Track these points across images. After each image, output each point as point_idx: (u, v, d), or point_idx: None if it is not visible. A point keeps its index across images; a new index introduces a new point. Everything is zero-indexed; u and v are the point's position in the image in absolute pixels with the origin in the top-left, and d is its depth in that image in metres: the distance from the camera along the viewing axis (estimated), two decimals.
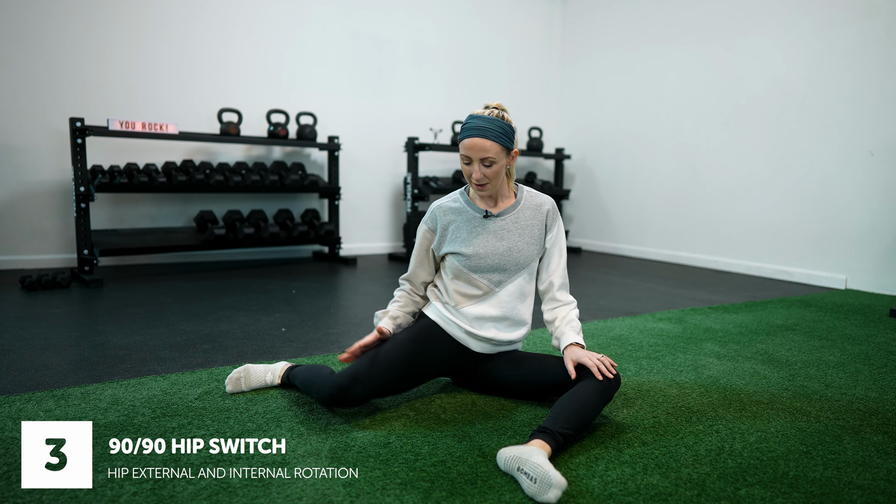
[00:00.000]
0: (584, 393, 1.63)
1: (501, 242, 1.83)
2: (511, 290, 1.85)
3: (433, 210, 1.89)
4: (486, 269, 1.83)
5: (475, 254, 1.82)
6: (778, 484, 1.43)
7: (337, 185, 5.08)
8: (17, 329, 2.71)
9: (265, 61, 5.09)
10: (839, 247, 4.25)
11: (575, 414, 1.57)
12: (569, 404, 1.60)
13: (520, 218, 1.86)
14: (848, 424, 1.79)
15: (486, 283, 1.84)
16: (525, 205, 1.88)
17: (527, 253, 1.85)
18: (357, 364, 1.75)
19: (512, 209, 1.86)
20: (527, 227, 1.86)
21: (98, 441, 1.56)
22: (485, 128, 1.72)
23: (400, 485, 1.38)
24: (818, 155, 4.35)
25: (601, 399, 1.64)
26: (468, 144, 1.73)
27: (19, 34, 4.24)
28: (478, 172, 1.75)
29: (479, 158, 1.74)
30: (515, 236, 1.84)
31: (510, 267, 1.84)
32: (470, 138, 1.73)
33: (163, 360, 2.28)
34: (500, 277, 1.84)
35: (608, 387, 1.67)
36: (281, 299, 3.48)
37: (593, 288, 4.07)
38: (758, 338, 2.78)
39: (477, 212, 1.85)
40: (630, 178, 5.84)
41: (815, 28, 4.35)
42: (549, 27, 6.49)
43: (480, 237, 1.83)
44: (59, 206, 4.45)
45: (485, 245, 1.82)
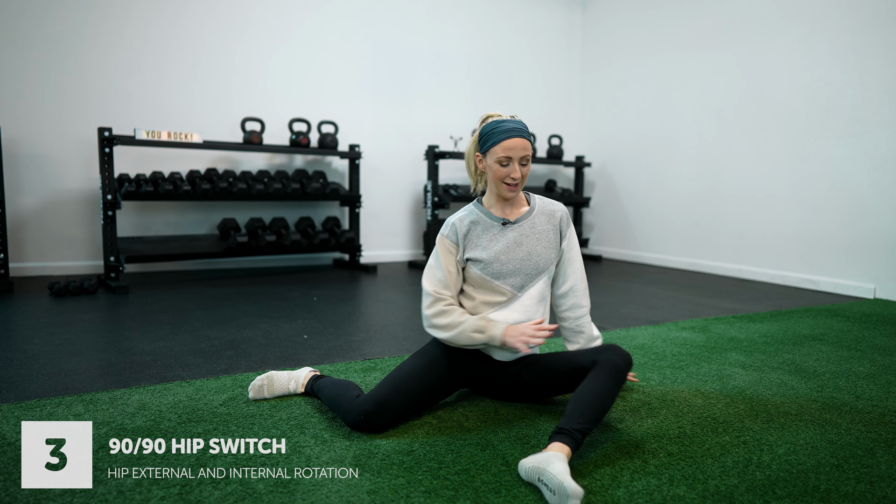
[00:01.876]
0: (595, 382, 1.62)
1: (521, 248, 1.85)
2: (533, 293, 1.86)
3: (452, 223, 1.87)
4: (508, 275, 1.84)
5: (496, 260, 1.83)
6: (809, 497, 1.40)
7: (358, 192, 5.11)
8: (46, 334, 2.76)
9: (287, 71, 5.15)
10: (867, 255, 4.17)
11: (590, 406, 1.56)
12: (583, 397, 1.59)
13: (535, 224, 1.88)
14: (881, 437, 1.75)
15: (508, 288, 1.84)
16: (539, 211, 1.90)
17: (545, 257, 1.88)
18: (382, 388, 1.74)
19: (527, 216, 1.88)
20: (543, 233, 1.89)
21: (129, 444, 1.58)
22: (522, 128, 1.78)
23: (424, 493, 1.38)
24: (845, 161, 4.28)
25: (614, 383, 1.64)
26: (511, 145, 1.75)
27: (49, 47, 4.35)
28: (517, 172, 1.77)
29: (519, 158, 1.77)
30: (533, 241, 1.87)
31: (531, 271, 1.85)
32: (513, 138, 1.76)
33: (188, 366, 2.31)
34: (522, 282, 1.85)
35: (618, 369, 1.66)
36: (302, 306, 3.50)
37: (615, 296, 4.04)
38: (784, 348, 2.74)
39: (494, 220, 1.86)
40: (651, 186, 5.80)
41: (841, 33, 4.29)
42: (569, 34, 6.48)
43: (500, 244, 1.84)
44: (86, 214, 4.54)
45: (505, 252, 1.84)
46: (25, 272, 4.38)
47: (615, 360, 1.68)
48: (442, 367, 1.82)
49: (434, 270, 1.87)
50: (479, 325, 1.78)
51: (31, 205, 4.39)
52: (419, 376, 1.77)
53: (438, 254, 1.87)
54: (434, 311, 1.82)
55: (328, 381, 1.91)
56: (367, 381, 2.15)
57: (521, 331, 1.76)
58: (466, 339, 1.79)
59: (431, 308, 1.83)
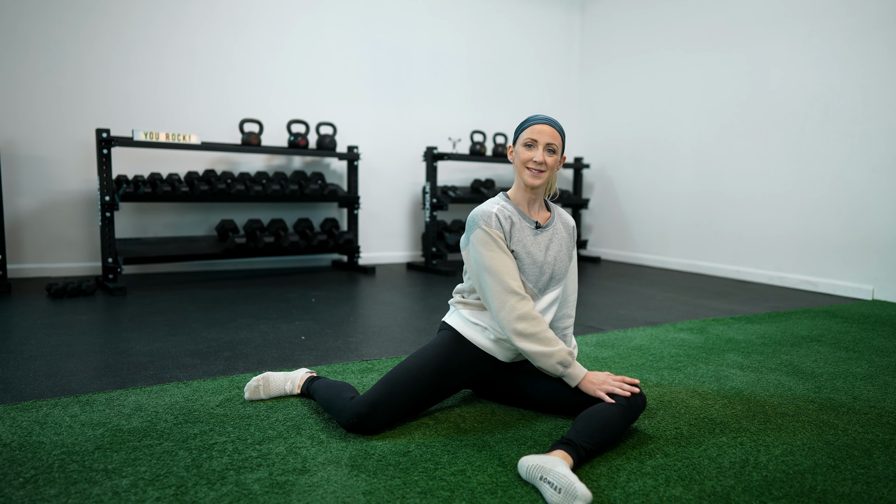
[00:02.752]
0: (609, 411, 1.61)
1: (550, 253, 1.86)
2: (550, 297, 1.87)
3: (492, 214, 1.76)
4: (535, 277, 1.83)
5: (533, 261, 1.82)
6: (805, 498, 1.40)
7: (356, 194, 5.11)
8: (43, 335, 2.76)
9: (286, 72, 5.16)
10: (865, 257, 4.17)
11: (599, 430, 1.55)
12: (593, 419, 1.58)
13: (557, 230, 1.90)
14: (878, 438, 1.75)
15: (531, 286, 1.83)
16: (558, 220, 1.93)
17: (565, 265, 1.90)
18: (376, 390, 1.71)
19: (552, 222, 1.90)
20: (563, 241, 1.91)
21: (122, 446, 1.58)
22: (552, 120, 1.81)
23: (420, 493, 1.38)
24: (843, 163, 4.28)
25: (626, 419, 1.63)
26: (537, 129, 1.78)
27: (47, 47, 4.35)
28: (541, 156, 1.77)
29: (545, 142, 1.78)
30: (557, 247, 1.88)
31: (555, 275, 1.87)
32: (539, 124, 1.79)
33: (185, 367, 2.31)
34: (546, 285, 1.86)
35: (634, 407, 1.66)
36: (300, 308, 3.50)
37: (613, 297, 4.04)
38: (782, 349, 2.73)
39: (529, 222, 1.85)
40: (650, 187, 5.80)
41: (840, 34, 4.29)
42: (567, 35, 6.49)
43: (536, 245, 1.84)
44: (84, 216, 4.54)
45: (539, 254, 1.84)
46: (23, 273, 4.38)
47: (635, 398, 1.67)
48: (439, 369, 1.78)
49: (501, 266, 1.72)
50: (567, 359, 1.71)
51: (29, 206, 4.39)
52: (415, 377, 1.75)
53: (490, 245, 1.73)
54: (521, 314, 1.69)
55: (323, 383, 1.89)
56: (365, 383, 2.15)
57: (602, 380, 1.70)
58: (547, 365, 1.71)
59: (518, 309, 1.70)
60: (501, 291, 1.72)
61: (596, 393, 1.68)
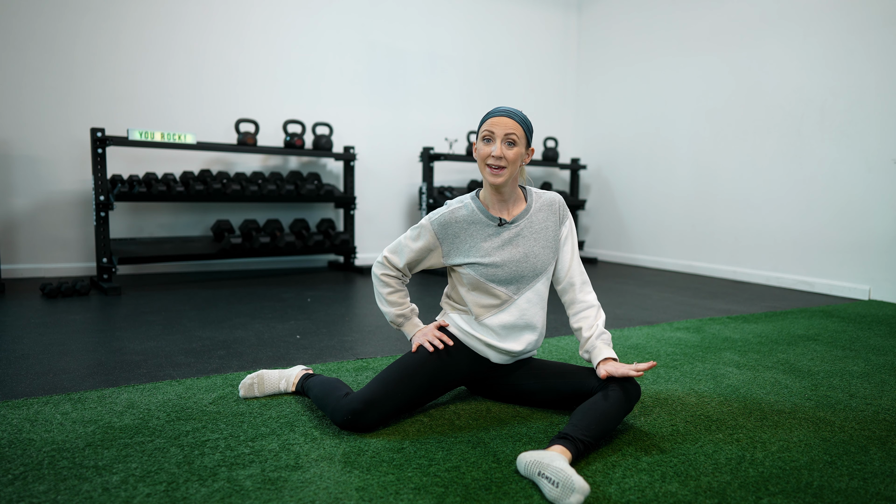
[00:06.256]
0: (605, 402, 1.61)
1: (517, 250, 1.78)
2: (529, 296, 1.81)
3: (443, 217, 1.79)
4: (504, 278, 1.78)
5: (492, 263, 1.77)
6: (802, 494, 1.39)
7: (352, 194, 5.10)
8: (36, 335, 2.74)
9: (282, 72, 5.15)
10: (862, 257, 4.17)
11: (595, 422, 1.54)
12: (589, 412, 1.57)
13: (533, 222, 1.81)
14: (874, 435, 1.74)
15: (504, 291, 1.79)
16: (536, 207, 1.83)
17: (543, 258, 1.81)
18: (370, 387, 1.70)
19: (524, 214, 1.81)
20: (541, 231, 1.82)
21: (113, 443, 1.56)
22: (512, 111, 1.73)
23: (413, 490, 1.36)
24: (839, 163, 4.29)
25: (621, 409, 1.62)
26: (494, 121, 1.72)
27: (42, 47, 4.34)
28: (499, 150, 1.69)
29: (503, 134, 1.70)
30: (531, 242, 1.80)
31: (528, 273, 1.79)
32: (496, 116, 1.73)
33: (178, 366, 2.29)
34: (519, 285, 1.80)
35: (629, 396, 1.65)
36: (296, 307, 3.49)
37: (610, 297, 4.03)
38: (778, 348, 2.73)
39: (491, 220, 1.79)
40: (647, 188, 5.80)
41: (835, 35, 4.30)
42: (564, 37, 6.50)
43: (496, 246, 1.78)
44: (79, 216, 4.52)
45: (501, 254, 1.77)
46: (17, 274, 4.35)
47: (629, 388, 1.66)
48: (433, 367, 1.78)
49: (405, 246, 1.84)
50: (399, 321, 1.90)
51: (23, 206, 4.37)
52: (409, 375, 1.74)
53: (419, 235, 1.82)
54: (381, 274, 1.88)
55: (317, 380, 1.88)
56: (359, 381, 2.14)
57: (423, 332, 1.85)
58: (388, 317, 1.91)
59: (380, 270, 1.89)
60: (390, 253, 1.87)
61: (421, 343, 1.83)
